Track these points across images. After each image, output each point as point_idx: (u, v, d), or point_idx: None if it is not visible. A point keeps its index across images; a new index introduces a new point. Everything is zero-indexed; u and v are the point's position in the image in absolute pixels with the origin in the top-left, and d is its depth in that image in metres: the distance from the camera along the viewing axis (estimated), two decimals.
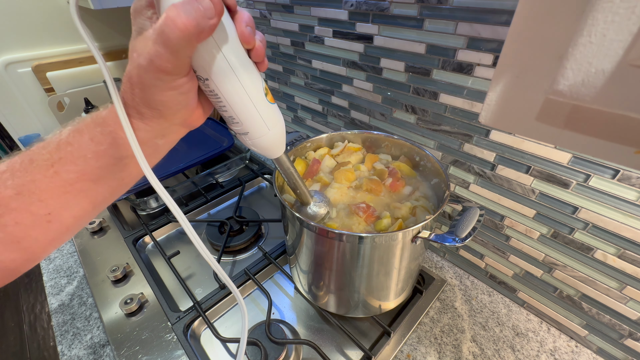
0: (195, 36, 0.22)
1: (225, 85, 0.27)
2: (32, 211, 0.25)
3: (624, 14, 0.16)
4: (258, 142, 0.32)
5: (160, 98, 0.25)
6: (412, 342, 0.54)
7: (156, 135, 0.28)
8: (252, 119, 0.30)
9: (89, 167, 0.26)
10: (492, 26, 0.44)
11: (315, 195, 0.48)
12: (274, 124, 0.31)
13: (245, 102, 0.28)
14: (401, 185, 0.53)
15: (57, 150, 0.25)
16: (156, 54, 0.22)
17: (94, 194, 0.27)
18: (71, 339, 0.56)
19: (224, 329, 0.58)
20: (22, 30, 0.97)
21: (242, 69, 0.27)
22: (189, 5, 0.21)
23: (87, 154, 0.25)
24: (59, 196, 0.25)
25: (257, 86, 0.29)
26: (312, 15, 0.68)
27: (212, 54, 0.25)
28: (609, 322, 0.50)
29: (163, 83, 0.24)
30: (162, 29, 0.22)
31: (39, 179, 0.25)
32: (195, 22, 0.21)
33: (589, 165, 0.43)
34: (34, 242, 0.26)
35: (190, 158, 0.88)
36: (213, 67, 0.26)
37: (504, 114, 0.24)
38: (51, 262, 0.71)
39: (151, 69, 0.23)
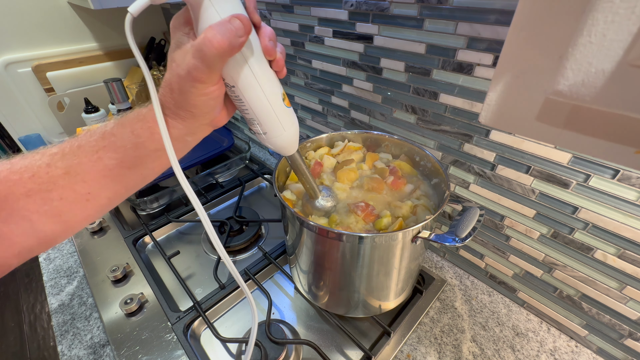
0: (228, 52, 0.26)
1: (249, 91, 0.31)
2: (75, 189, 0.29)
3: (624, 14, 0.16)
4: (274, 141, 0.35)
5: (194, 102, 0.29)
6: (412, 342, 0.54)
7: (187, 133, 0.31)
8: (270, 121, 0.33)
9: (128, 156, 0.30)
10: (492, 26, 0.44)
11: (324, 190, 0.50)
12: (289, 126, 0.35)
13: (266, 106, 0.32)
14: (402, 184, 0.53)
15: (102, 139, 0.29)
16: (194, 67, 0.26)
17: (127, 179, 0.31)
18: (71, 339, 0.56)
19: (224, 329, 0.58)
20: (22, 30, 0.97)
21: (264, 78, 0.31)
22: (223, 27, 0.25)
23: (127, 144, 0.29)
24: (99, 179, 0.29)
25: (276, 92, 0.32)
26: (312, 15, 0.68)
27: (240, 66, 0.29)
28: (609, 322, 0.50)
29: (197, 90, 0.28)
30: (200, 47, 0.25)
31: (85, 162, 0.29)
32: (229, 41, 0.25)
33: (589, 165, 0.43)
34: (72, 216, 0.30)
35: (190, 158, 0.88)
36: (240, 76, 0.29)
37: (504, 114, 0.24)
38: (51, 262, 0.71)
39: (188, 78, 0.27)
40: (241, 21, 0.26)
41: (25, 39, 0.98)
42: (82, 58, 1.08)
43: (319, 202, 0.48)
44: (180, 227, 0.80)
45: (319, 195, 0.48)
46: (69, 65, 1.06)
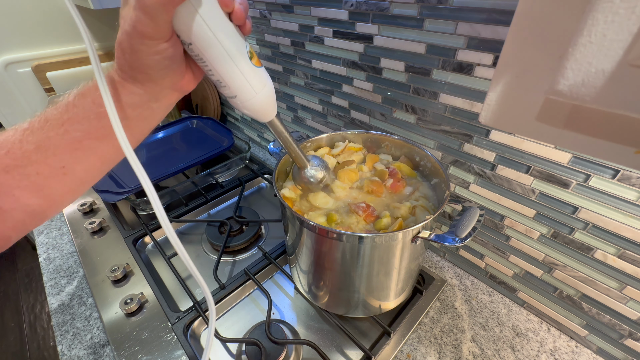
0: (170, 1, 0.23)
1: (208, 49, 0.28)
2: (49, 164, 0.28)
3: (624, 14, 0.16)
4: (247, 105, 0.33)
5: (146, 62, 0.27)
6: (412, 342, 0.54)
7: (150, 99, 0.30)
8: (238, 82, 0.30)
9: (93, 127, 0.29)
10: (492, 26, 0.44)
11: (313, 159, 0.48)
12: (260, 87, 0.32)
13: (230, 65, 0.29)
14: (402, 186, 0.53)
15: (66, 112, 0.29)
16: (137, 19, 0.24)
17: (100, 151, 0.31)
18: (71, 339, 0.56)
19: (224, 329, 0.58)
20: (22, 30, 0.97)
21: (223, 33, 0.28)
22: None
23: (90, 115, 0.29)
24: (70, 152, 0.29)
25: (241, 49, 0.29)
26: (312, 15, 0.68)
27: (191, 19, 0.26)
28: (609, 322, 0.50)
29: (147, 47, 0.26)
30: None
31: (53, 136, 0.28)
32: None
33: (589, 165, 0.43)
34: (54, 190, 0.30)
35: (190, 158, 0.88)
36: (194, 31, 0.26)
37: (504, 114, 0.24)
38: (51, 262, 0.71)
39: (135, 34, 0.25)
40: None
41: (25, 39, 0.98)
42: (82, 58, 1.08)
43: (308, 171, 0.46)
44: (180, 227, 0.80)
45: (308, 164, 0.46)
46: (69, 65, 1.06)
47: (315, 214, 0.49)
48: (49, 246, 0.75)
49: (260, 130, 1.09)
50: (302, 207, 0.51)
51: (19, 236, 0.30)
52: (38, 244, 0.75)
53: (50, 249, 0.74)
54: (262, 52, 0.87)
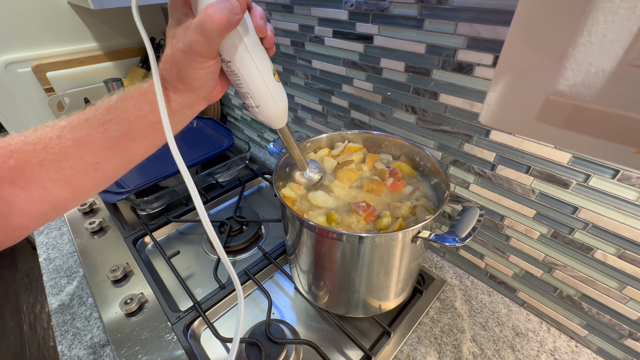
0: (226, 28, 0.29)
1: (244, 66, 0.33)
2: (84, 159, 0.31)
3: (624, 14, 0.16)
4: (266, 114, 0.38)
5: (193, 75, 0.31)
6: (412, 342, 0.54)
7: (185, 106, 0.34)
8: (263, 94, 0.36)
9: (132, 128, 0.32)
10: (492, 26, 0.44)
11: (311, 163, 0.53)
12: (279, 99, 0.38)
13: (259, 80, 0.35)
14: (402, 185, 0.53)
15: (107, 113, 0.32)
16: (195, 41, 0.29)
17: (132, 150, 0.34)
18: (71, 339, 0.56)
19: (224, 329, 0.58)
20: (22, 30, 0.97)
21: (257, 54, 0.34)
22: (222, 5, 0.28)
23: (131, 117, 0.32)
24: (106, 149, 0.32)
25: (268, 67, 0.35)
26: (312, 15, 0.68)
27: (235, 41, 0.32)
28: (609, 322, 0.50)
29: (197, 63, 0.30)
30: (202, 22, 0.28)
31: (92, 134, 0.31)
32: (227, 17, 0.28)
33: (589, 165, 0.43)
34: (82, 184, 0.32)
35: (190, 158, 0.88)
36: (235, 51, 0.32)
37: (504, 114, 0.24)
38: (51, 262, 0.71)
39: (189, 52, 0.30)
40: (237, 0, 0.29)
41: (25, 39, 0.98)
42: (82, 58, 1.08)
43: (306, 173, 0.52)
44: (180, 227, 0.80)
45: (307, 167, 0.52)
46: (69, 65, 1.06)
47: (315, 214, 0.49)
48: (49, 246, 0.75)
49: (260, 130, 1.09)
50: (302, 206, 0.51)
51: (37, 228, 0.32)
52: (38, 244, 0.75)
53: (50, 249, 0.74)
54: None
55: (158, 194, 0.79)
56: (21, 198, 0.29)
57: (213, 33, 0.28)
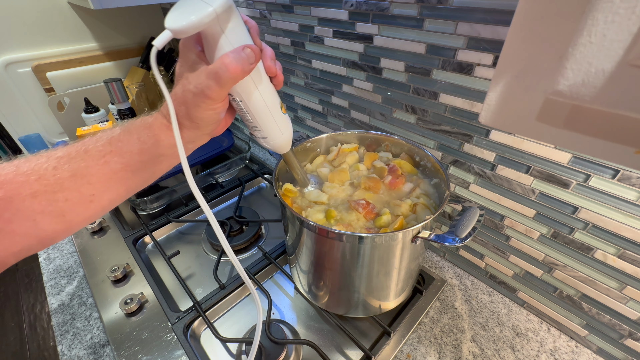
0: (240, 76, 0.30)
1: (255, 105, 0.35)
2: (81, 191, 0.30)
3: (624, 14, 0.16)
4: (273, 143, 0.40)
5: (200, 115, 0.32)
6: (412, 342, 0.54)
7: (189, 141, 0.34)
8: (271, 127, 0.38)
9: (133, 161, 0.32)
10: (492, 26, 0.44)
11: (312, 178, 0.56)
12: (286, 129, 0.40)
13: (268, 116, 0.37)
14: (401, 183, 0.53)
15: (109, 145, 0.31)
16: (208, 86, 0.30)
17: (130, 182, 0.33)
18: (71, 339, 0.56)
19: (224, 329, 0.58)
20: (22, 30, 0.97)
21: (267, 93, 0.35)
22: (238, 55, 0.29)
23: (133, 149, 0.32)
24: (104, 181, 0.31)
25: (276, 102, 0.37)
26: (312, 15, 0.68)
27: (248, 85, 0.33)
28: (609, 322, 0.50)
29: (207, 105, 0.31)
30: (217, 70, 0.29)
31: (92, 166, 0.30)
32: (242, 67, 0.29)
33: (589, 165, 0.43)
34: (75, 216, 0.31)
35: (191, 158, 0.88)
36: (247, 93, 0.34)
37: (504, 114, 0.24)
38: (51, 262, 0.71)
39: (200, 95, 0.30)
40: (252, 50, 0.30)
41: (25, 39, 0.98)
42: (82, 58, 1.08)
43: (307, 189, 0.54)
44: (180, 227, 0.80)
45: (309, 183, 0.54)
46: (69, 65, 1.06)
47: (314, 210, 0.49)
48: (49, 246, 0.75)
49: None
50: (302, 204, 0.51)
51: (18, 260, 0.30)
52: None
53: (50, 249, 0.74)
54: None
55: (158, 194, 0.79)
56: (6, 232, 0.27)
57: (227, 81, 0.29)
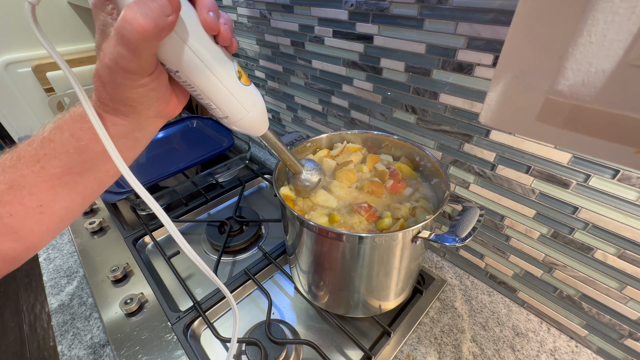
0: (155, 36, 0.22)
1: (196, 75, 0.27)
2: (24, 204, 0.27)
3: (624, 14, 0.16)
4: (240, 124, 0.32)
5: (130, 95, 0.25)
6: (412, 342, 0.54)
7: (134, 129, 0.29)
8: (229, 103, 0.30)
9: (73, 162, 0.27)
10: (492, 26, 0.44)
11: (307, 163, 0.49)
12: (252, 106, 0.32)
13: (220, 88, 0.29)
14: (402, 187, 0.53)
15: (42, 147, 0.27)
16: (119, 55, 0.23)
17: (81, 186, 0.29)
18: (71, 339, 0.56)
19: (224, 329, 0.58)
20: (22, 30, 0.97)
21: (210, 57, 0.27)
22: (144, 5, 0.21)
23: (70, 149, 0.27)
24: (48, 189, 0.27)
25: (229, 71, 0.29)
26: (312, 15, 0.68)
27: (177, 47, 0.25)
28: (609, 322, 0.50)
29: (131, 82, 0.24)
30: (120, 32, 0.21)
31: (27, 174, 0.26)
32: (153, 22, 0.21)
33: (589, 165, 0.43)
34: (29, 232, 0.28)
35: (190, 158, 0.88)
36: (180, 59, 0.26)
37: (504, 114, 0.24)
38: (51, 262, 0.71)
39: (117, 69, 0.23)
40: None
41: (25, 39, 0.98)
42: (82, 58, 1.08)
43: (303, 175, 0.48)
44: (180, 227, 0.80)
45: (303, 170, 0.47)
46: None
47: (317, 214, 0.49)
48: (49, 246, 0.75)
49: None
50: (304, 206, 0.51)
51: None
52: None
53: (50, 249, 0.74)
54: (262, 52, 0.87)
55: (158, 194, 0.79)
56: None
57: (138, 44, 0.22)
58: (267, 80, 0.92)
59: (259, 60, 0.90)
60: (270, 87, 0.92)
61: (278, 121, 0.98)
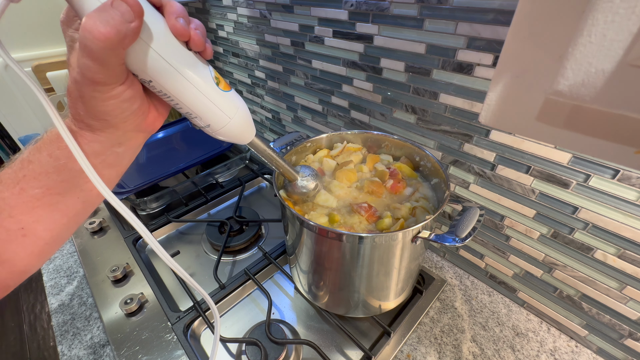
0: (119, 43, 0.21)
1: (171, 84, 0.26)
2: (5, 227, 0.26)
3: (624, 14, 0.16)
4: (223, 132, 0.31)
5: (102, 109, 0.25)
6: (412, 342, 0.54)
7: (113, 144, 0.28)
8: (208, 111, 0.29)
9: (52, 182, 0.26)
10: (492, 26, 0.44)
11: (302, 169, 0.47)
12: (233, 112, 0.31)
13: (196, 96, 0.28)
14: (402, 187, 0.53)
15: (21, 169, 0.26)
16: (85, 67, 0.22)
17: (63, 206, 0.28)
18: (71, 339, 0.56)
19: (224, 329, 0.58)
20: (22, 30, 0.97)
21: (182, 63, 0.26)
22: (104, 13, 0.21)
23: (48, 169, 0.26)
24: (29, 211, 0.26)
25: (205, 77, 0.28)
26: (312, 15, 0.68)
27: (146, 56, 0.24)
28: (609, 322, 0.50)
29: (101, 94, 0.24)
30: (83, 42, 0.21)
31: (7, 197, 0.26)
32: (115, 29, 0.21)
33: (589, 165, 0.43)
34: (13, 255, 0.27)
35: (190, 158, 0.88)
36: (151, 68, 0.25)
37: (504, 114, 0.24)
38: (51, 262, 0.71)
39: (85, 82, 0.23)
40: (126, 2, 0.21)
41: (25, 39, 0.98)
42: None
43: (299, 182, 0.47)
44: (180, 227, 0.80)
45: (298, 176, 0.46)
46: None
47: (317, 214, 0.49)
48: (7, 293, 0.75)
49: (260, 130, 1.09)
50: (304, 207, 0.51)
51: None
52: None
53: None
54: (262, 52, 0.87)
55: (158, 194, 0.79)
56: None
57: (101, 53, 0.21)
58: (267, 80, 0.92)
59: (259, 60, 0.90)
60: (270, 87, 0.92)
61: (278, 121, 0.98)
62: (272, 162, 0.42)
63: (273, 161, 0.42)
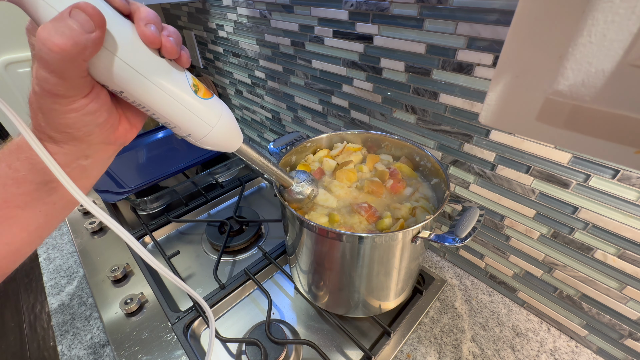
0: (77, 55, 0.20)
1: (143, 93, 0.25)
2: None
3: (624, 14, 0.16)
4: (206, 141, 0.30)
5: (63, 122, 0.23)
6: (412, 342, 0.54)
7: (78, 157, 0.26)
8: (187, 119, 0.28)
9: (10, 195, 0.25)
10: (492, 26, 0.44)
11: (298, 175, 0.46)
12: (215, 120, 0.29)
13: (173, 105, 0.26)
14: (402, 187, 0.53)
15: None
16: (42, 79, 0.21)
17: (23, 220, 0.26)
18: (71, 339, 0.56)
19: (224, 329, 0.58)
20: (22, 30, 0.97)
21: (155, 73, 0.25)
22: (60, 23, 0.19)
23: (7, 181, 0.25)
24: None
25: (181, 85, 0.26)
26: (312, 15, 0.68)
27: (113, 66, 0.23)
28: (609, 322, 0.50)
29: (61, 106, 0.22)
30: (38, 54, 0.20)
31: None
32: (72, 41, 0.19)
33: (589, 165, 0.43)
34: None
35: (190, 158, 0.88)
36: (120, 78, 0.24)
37: (504, 114, 0.24)
38: (51, 262, 0.71)
39: (43, 93, 0.22)
40: (85, 12, 0.20)
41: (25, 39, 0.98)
42: None
43: (295, 188, 0.45)
44: (180, 227, 0.80)
45: (292, 182, 0.45)
46: None
47: (317, 214, 0.49)
48: (49, 246, 0.75)
49: (260, 130, 1.09)
50: (304, 206, 0.51)
51: None
52: None
53: (50, 249, 0.74)
54: (262, 52, 0.87)
55: (158, 194, 0.79)
56: None
57: (58, 65, 0.20)
58: (267, 80, 0.92)
59: (259, 60, 0.90)
60: (270, 87, 0.92)
61: (278, 121, 0.98)
62: (264, 170, 0.40)
63: (265, 168, 0.40)
